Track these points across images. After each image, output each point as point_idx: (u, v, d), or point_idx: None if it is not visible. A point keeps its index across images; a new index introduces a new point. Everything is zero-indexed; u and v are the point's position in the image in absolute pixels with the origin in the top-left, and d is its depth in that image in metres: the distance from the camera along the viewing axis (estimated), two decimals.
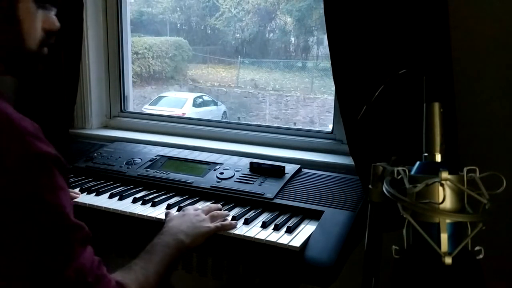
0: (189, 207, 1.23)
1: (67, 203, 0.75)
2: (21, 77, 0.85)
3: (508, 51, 1.28)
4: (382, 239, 0.91)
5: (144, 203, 1.31)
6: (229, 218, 1.21)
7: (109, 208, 1.29)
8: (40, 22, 0.83)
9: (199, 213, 1.17)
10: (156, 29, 4.83)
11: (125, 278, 0.86)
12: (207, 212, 1.19)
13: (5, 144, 0.69)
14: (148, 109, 4.30)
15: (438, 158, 0.77)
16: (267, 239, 1.11)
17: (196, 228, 1.11)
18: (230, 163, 1.51)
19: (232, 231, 1.15)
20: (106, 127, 2.03)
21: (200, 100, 4.88)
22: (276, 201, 1.30)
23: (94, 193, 1.39)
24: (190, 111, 4.57)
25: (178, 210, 1.26)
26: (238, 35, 4.70)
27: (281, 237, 1.12)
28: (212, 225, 1.14)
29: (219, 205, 1.28)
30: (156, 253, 0.98)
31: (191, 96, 4.83)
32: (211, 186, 1.38)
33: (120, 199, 1.35)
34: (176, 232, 1.07)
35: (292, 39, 4.76)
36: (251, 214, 1.24)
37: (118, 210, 1.28)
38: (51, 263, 0.72)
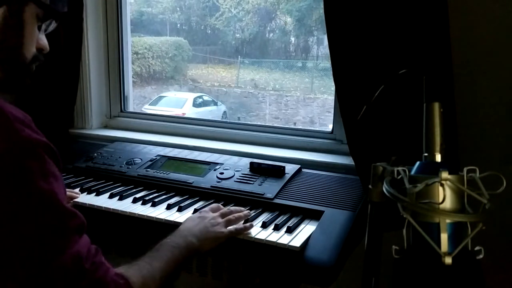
0: (207, 208, 1.20)
1: (60, 191, 0.74)
2: (11, 89, 0.85)
3: (508, 51, 1.28)
4: (382, 239, 0.91)
5: (144, 203, 1.32)
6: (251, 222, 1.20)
7: (109, 208, 1.29)
8: (36, 38, 0.85)
9: (215, 216, 1.16)
10: (156, 29, 4.83)
11: (128, 271, 0.84)
12: (225, 215, 1.17)
13: None
14: (148, 109, 4.30)
15: (438, 158, 0.77)
16: (267, 239, 1.11)
17: (208, 232, 1.09)
18: (230, 163, 1.52)
19: None
20: (106, 127, 2.03)
21: (200, 100, 4.88)
22: (276, 201, 1.30)
23: (94, 193, 1.39)
24: (190, 111, 4.56)
25: (179, 210, 1.26)
26: (238, 35, 4.70)
27: (281, 237, 1.12)
28: (225, 230, 1.12)
29: (241, 208, 1.24)
30: (164, 252, 0.97)
31: (191, 96, 4.82)
32: (211, 186, 1.38)
33: (120, 199, 1.35)
34: (187, 234, 1.06)
35: (292, 39, 4.76)
36: (251, 214, 1.24)
37: (118, 210, 1.28)
38: (46, 250, 0.71)
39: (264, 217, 1.24)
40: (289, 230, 1.14)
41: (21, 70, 0.84)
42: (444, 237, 0.67)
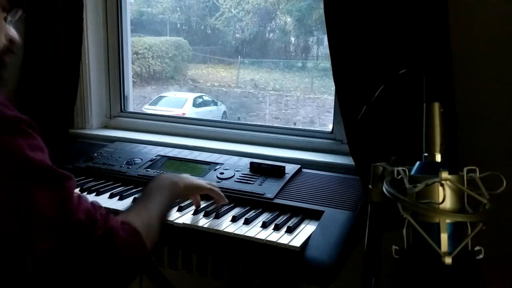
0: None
1: (49, 161, 0.77)
2: None
3: (508, 51, 1.28)
4: (382, 239, 0.91)
5: None
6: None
7: (109, 208, 1.29)
8: (4, 30, 0.84)
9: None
10: (156, 29, 4.83)
11: (127, 216, 0.88)
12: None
13: None
14: (148, 109, 4.30)
15: (438, 158, 0.77)
16: (267, 239, 1.11)
17: (190, 178, 1.18)
18: (230, 163, 1.52)
19: (232, 231, 1.15)
20: (106, 127, 2.03)
21: (200, 100, 4.88)
22: (276, 201, 1.30)
23: (94, 193, 1.39)
24: (190, 111, 4.56)
25: (179, 210, 1.26)
26: (238, 35, 4.70)
27: (281, 237, 1.12)
28: (207, 184, 1.23)
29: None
30: (154, 194, 1.00)
31: (191, 96, 4.82)
32: None
33: (120, 199, 1.35)
34: (171, 176, 1.12)
35: (292, 39, 4.75)
36: (251, 214, 1.24)
37: (118, 210, 1.28)
38: (55, 214, 0.73)
39: (264, 217, 1.24)
40: (289, 230, 1.14)
41: None
42: (444, 237, 0.67)
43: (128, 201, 1.33)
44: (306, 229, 1.17)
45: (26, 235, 0.72)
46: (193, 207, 1.28)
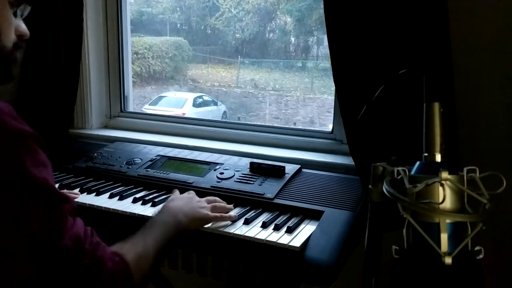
0: (194, 192, 1.27)
1: (51, 178, 0.76)
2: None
3: (508, 50, 1.28)
4: (382, 239, 0.91)
5: (144, 203, 1.32)
6: (232, 213, 1.24)
7: (109, 208, 1.29)
8: (13, 25, 0.84)
9: (202, 200, 1.22)
10: (156, 29, 4.82)
11: (122, 248, 0.88)
12: (210, 201, 1.23)
13: None
14: (148, 109, 4.29)
15: (438, 158, 0.77)
16: (267, 239, 1.11)
17: (195, 212, 1.14)
18: (230, 163, 1.52)
19: (232, 231, 1.15)
20: (106, 127, 2.03)
21: (200, 100, 4.87)
22: (276, 201, 1.30)
23: (94, 193, 1.39)
24: (190, 111, 4.56)
25: None
26: (238, 35, 4.69)
27: (281, 237, 1.12)
28: (211, 214, 1.17)
29: (223, 202, 1.28)
30: (156, 229, 1.00)
31: (191, 96, 4.82)
32: (211, 186, 1.38)
33: (120, 199, 1.35)
34: (176, 211, 1.10)
35: (292, 39, 4.75)
36: (251, 214, 1.24)
37: (118, 210, 1.28)
38: (46, 235, 0.73)
39: (264, 217, 1.24)
40: (289, 230, 1.14)
41: (4, 59, 0.83)
42: (444, 237, 0.67)
43: (128, 201, 1.34)
44: (306, 229, 1.17)
45: (15, 253, 0.72)
46: None
